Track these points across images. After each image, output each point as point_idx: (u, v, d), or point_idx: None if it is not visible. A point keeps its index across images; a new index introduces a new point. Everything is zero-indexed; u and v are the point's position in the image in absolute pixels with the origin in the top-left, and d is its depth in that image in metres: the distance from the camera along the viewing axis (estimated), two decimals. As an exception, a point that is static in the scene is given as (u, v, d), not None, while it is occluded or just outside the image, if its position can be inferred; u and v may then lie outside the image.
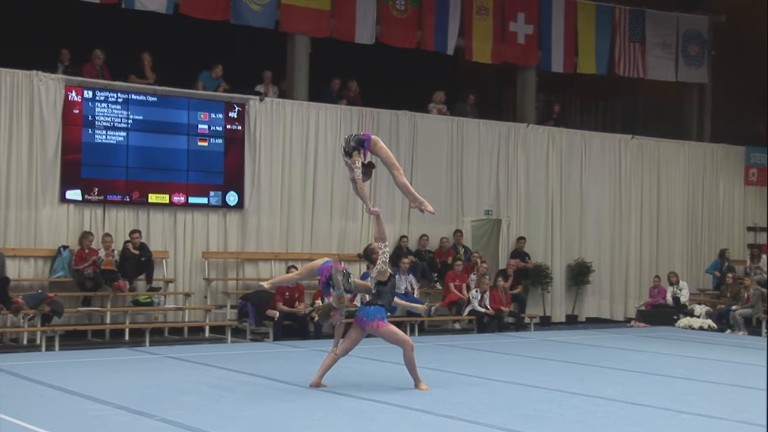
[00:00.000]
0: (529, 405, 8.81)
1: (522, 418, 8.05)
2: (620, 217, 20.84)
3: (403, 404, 8.61)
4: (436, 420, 7.91)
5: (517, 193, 19.46)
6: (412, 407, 8.45)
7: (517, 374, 10.95)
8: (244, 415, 7.92)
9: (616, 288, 20.79)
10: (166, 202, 15.70)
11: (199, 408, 8.29)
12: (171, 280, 15.74)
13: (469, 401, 8.94)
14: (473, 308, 17.16)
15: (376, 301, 9.65)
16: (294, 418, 7.85)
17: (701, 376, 11.17)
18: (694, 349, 14.64)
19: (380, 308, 9.60)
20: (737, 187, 22.66)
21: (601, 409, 8.64)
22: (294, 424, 7.61)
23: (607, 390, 9.80)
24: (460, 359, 12.69)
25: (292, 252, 16.83)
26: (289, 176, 16.87)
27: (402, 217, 18.09)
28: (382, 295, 9.67)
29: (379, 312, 9.57)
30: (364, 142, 9.83)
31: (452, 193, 18.74)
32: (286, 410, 8.26)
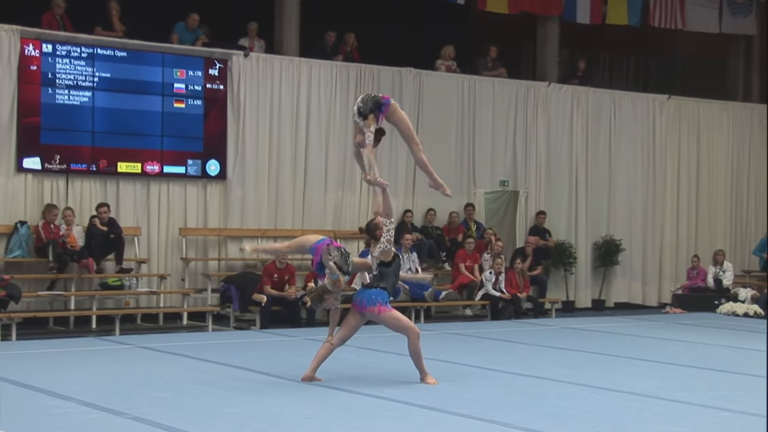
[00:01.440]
0: (550, 401, 8.84)
1: (542, 415, 8.08)
2: (654, 188, 20.82)
3: (407, 400, 8.64)
4: (444, 418, 7.94)
5: (536, 162, 19.44)
6: (417, 403, 8.49)
7: (536, 366, 10.98)
8: (227, 413, 7.96)
9: (649, 269, 20.82)
10: (137, 171, 15.70)
11: (176, 405, 8.32)
12: (144, 261, 15.77)
13: (482, 397, 8.97)
14: (486, 292, 17.20)
15: (377, 284, 9.65)
16: (283, 416, 7.89)
17: (745, 368, 11.19)
18: (738, 338, 14.66)
19: (382, 291, 9.59)
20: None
21: (632, 406, 8.67)
22: (283, 422, 7.64)
23: (639, 385, 9.83)
24: (471, 349, 12.73)
25: (281, 228, 16.86)
26: (277, 142, 16.86)
27: (406, 188, 18.10)
28: (384, 276, 9.67)
29: (380, 295, 9.57)
30: (382, 106, 9.82)
31: (463, 161, 18.74)
32: (274, 407, 8.29)
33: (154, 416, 7.67)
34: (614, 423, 7.86)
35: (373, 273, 9.78)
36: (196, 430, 7.17)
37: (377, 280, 9.70)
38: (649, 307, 20.34)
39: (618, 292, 20.50)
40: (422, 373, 9.71)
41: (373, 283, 9.70)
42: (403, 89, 18.03)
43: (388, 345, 11.76)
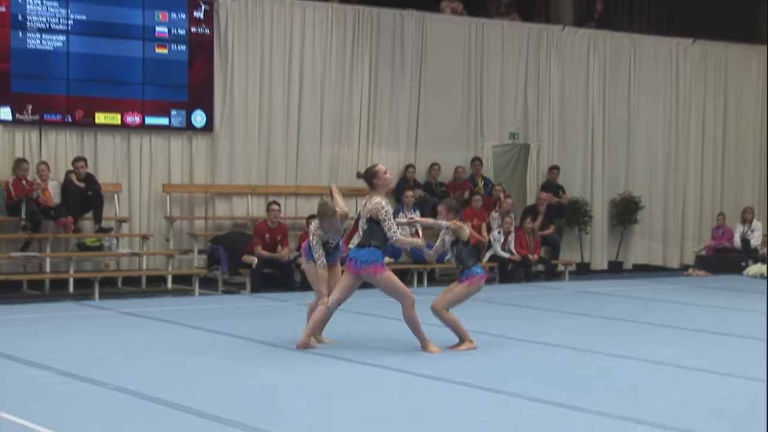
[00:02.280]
0: (563, 370, 8.88)
1: (554, 385, 8.11)
2: (677, 141, 20.80)
3: (409, 369, 8.68)
4: (448, 388, 7.98)
5: (549, 112, 19.40)
6: (419, 373, 8.52)
7: (547, 333, 11.02)
8: (215, 383, 7.99)
9: (671, 228, 20.84)
10: (117, 123, 15.66)
11: (160, 374, 8.37)
12: (125, 219, 15.79)
13: (489, 366, 9.01)
14: (495, 253, 17.23)
15: (369, 242, 9.64)
16: (276, 387, 7.93)
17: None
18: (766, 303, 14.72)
19: (376, 250, 9.58)
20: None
21: (651, 375, 8.71)
22: (276, 393, 7.68)
23: (658, 352, 9.87)
24: (478, 315, 12.76)
25: (273, 185, 16.86)
26: (269, 91, 16.81)
27: (408, 141, 18.09)
28: (375, 233, 9.65)
29: (374, 255, 9.57)
30: None
31: (470, 112, 18.70)
32: (266, 377, 8.33)
33: (137, 386, 7.70)
34: (632, 393, 7.90)
35: (362, 228, 9.75)
36: (182, 401, 7.20)
37: (368, 237, 9.67)
38: (670, 270, 20.38)
39: (637, 253, 20.53)
40: (423, 341, 9.74)
41: (365, 241, 9.68)
42: (405, 34, 17.94)
43: (388, 309, 11.80)
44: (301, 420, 6.76)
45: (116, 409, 7.00)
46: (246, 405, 7.16)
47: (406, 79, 17.95)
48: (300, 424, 6.62)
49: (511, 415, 7.06)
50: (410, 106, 18.09)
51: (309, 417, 6.86)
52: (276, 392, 7.71)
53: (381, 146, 17.70)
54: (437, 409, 7.21)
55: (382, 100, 17.75)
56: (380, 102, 17.74)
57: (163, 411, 6.95)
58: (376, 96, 17.66)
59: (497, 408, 7.34)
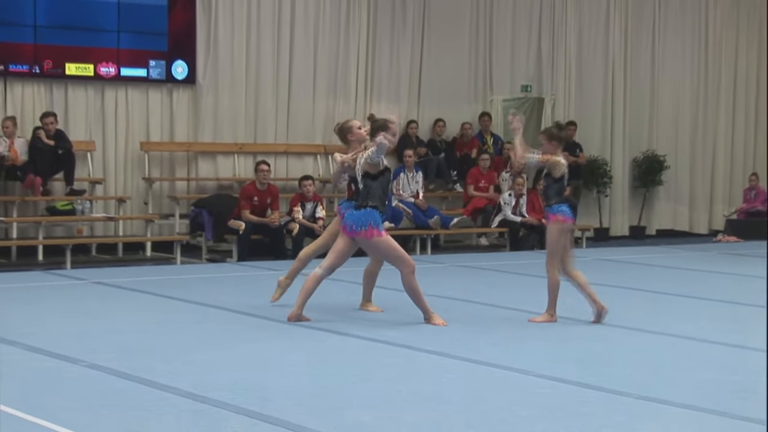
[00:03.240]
0: (578, 345, 8.91)
1: (569, 361, 8.14)
2: (706, 93, 20.77)
3: (410, 344, 8.71)
4: (454, 365, 8.01)
5: (565, 63, 19.35)
6: (421, 348, 8.55)
7: (563, 305, 11.04)
8: (199, 360, 8.02)
9: (699, 190, 20.86)
10: (89, 74, 15.63)
11: (139, 350, 8.39)
12: (99, 181, 15.79)
13: (499, 340, 9.05)
14: (505, 217, 17.25)
15: (365, 202, 9.63)
16: (266, 363, 7.95)
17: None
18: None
19: (373, 212, 9.56)
20: None
21: (676, 351, 8.74)
22: (266, 370, 7.70)
23: (684, 326, 9.90)
24: (487, 285, 12.81)
25: (261, 143, 16.84)
26: (257, 39, 16.76)
27: (410, 95, 18.07)
28: (371, 192, 9.60)
29: (371, 217, 9.54)
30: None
31: (478, 62, 18.66)
32: (254, 352, 8.35)
33: (115, 364, 7.72)
34: (654, 370, 7.92)
35: (359, 186, 9.70)
36: (164, 379, 7.22)
37: (364, 196, 9.62)
38: (697, 235, 20.41)
39: (661, 217, 20.55)
40: (426, 312, 9.76)
41: (362, 201, 9.65)
42: (407, -25, 17.90)
43: (386, 279, 11.81)
44: (292, 399, 6.78)
45: (91, 389, 7.00)
46: (233, 383, 7.17)
47: (408, 26, 17.89)
48: (291, 404, 6.64)
49: (520, 394, 7.07)
50: (412, 56, 18.04)
51: (301, 396, 6.87)
52: (267, 369, 7.73)
53: (380, 100, 17.67)
54: (441, 387, 7.22)
55: (381, 49, 17.69)
56: (379, 51, 17.68)
57: (142, 391, 6.96)
58: (374, 45, 17.61)
59: (505, 386, 7.36)
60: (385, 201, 9.67)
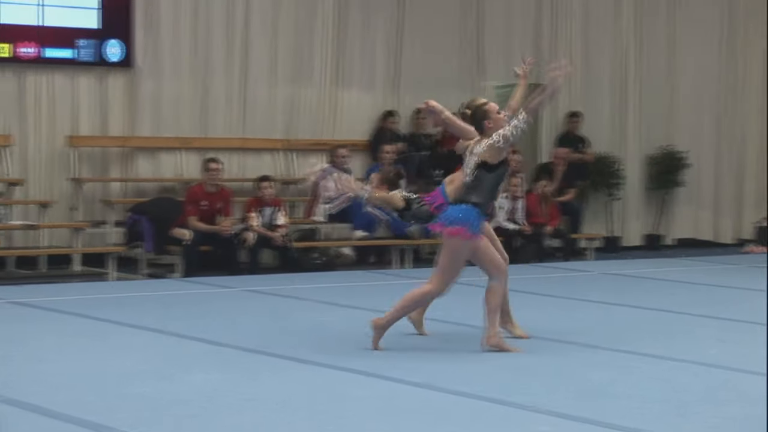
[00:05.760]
0: (583, 374, 8.88)
1: (572, 395, 8.12)
2: (734, 83, 20.85)
3: (388, 374, 8.67)
4: (438, 399, 7.97)
5: (568, 45, 19.37)
6: (401, 379, 8.52)
7: (564, 327, 11.02)
8: (136, 394, 7.95)
9: (724, 193, 20.92)
10: (6, 56, 15.57)
11: (67, 382, 8.31)
12: (18, 182, 15.72)
13: (491, 369, 9.02)
14: (499, 224, 17.22)
15: (468, 197, 9.48)
16: (216, 397, 7.88)
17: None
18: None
19: (472, 210, 9.40)
20: None
21: (697, 382, 8.71)
22: (215, 405, 7.64)
23: (708, 351, 9.87)
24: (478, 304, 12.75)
25: (211, 137, 16.88)
26: (206, 16, 16.75)
27: (387, 81, 18.07)
28: (479, 186, 9.47)
29: (470, 215, 9.40)
30: None
31: (467, 44, 18.67)
32: (203, 384, 8.29)
33: (38, 399, 7.64)
34: (671, 403, 7.88)
35: (467, 179, 9.60)
36: (96, 416, 7.16)
37: (471, 190, 9.51)
38: (723, 246, 20.45)
39: (681, 224, 20.60)
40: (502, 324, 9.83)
41: (465, 195, 9.54)
42: (385, -58, 17.91)
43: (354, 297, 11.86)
44: (248, 440, 6.74)
45: (9, 429, 6.89)
46: (177, 421, 7.11)
47: (384, 1, 17.86)
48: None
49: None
50: (390, 35, 18.02)
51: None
52: (216, 404, 7.66)
53: (351, 87, 17.66)
54: (423, 424, 7.16)
55: (353, 26, 17.64)
56: (351, 29, 17.63)
57: (70, 430, 6.87)
58: (345, 22, 17.57)
59: (499, 423, 7.32)
60: (490, 200, 9.66)
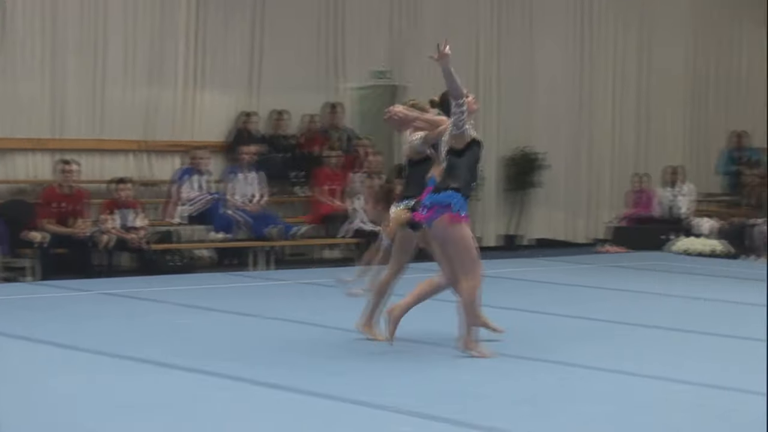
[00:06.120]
0: (446, 375, 8.89)
1: (435, 396, 8.11)
2: (588, 83, 21.08)
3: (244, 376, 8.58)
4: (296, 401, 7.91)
5: (426, 44, 19.36)
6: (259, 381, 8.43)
7: (426, 328, 11.01)
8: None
9: (579, 193, 21.13)
10: None
11: None
12: None
13: (351, 371, 9.00)
14: (358, 226, 17.19)
15: (447, 183, 9.30)
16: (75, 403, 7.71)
17: (707, 326, 11.44)
18: (698, 285, 15.05)
19: (455, 194, 9.24)
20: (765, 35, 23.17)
21: (560, 381, 8.76)
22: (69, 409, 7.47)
23: (567, 352, 9.94)
24: (339, 306, 12.72)
25: (66, 138, 16.61)
26: (61, 15, 16.48)
27: (245, 83, 17.91)
28: (455, 170, 9.34)
29: (453, 199, 9.25)
30: None
31: (325, 45, 18.61)
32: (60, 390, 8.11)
33: None
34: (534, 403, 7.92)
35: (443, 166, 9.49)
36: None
37: (447, 177, 9.37)
38: (578, 245, 20.66)
39: (538, 224, 20.77)
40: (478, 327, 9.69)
41: (441, 183, 9.39)
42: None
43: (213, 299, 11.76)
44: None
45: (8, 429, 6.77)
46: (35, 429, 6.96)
47: (244, 2, 17.72)
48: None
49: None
50: (247, 36, 17.88)
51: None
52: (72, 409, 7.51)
53: (210, 88, 17.52)
54: (282, 426, 7.14)
55: (212, 27, 17.47)
56: (209, 30, 17.46)
57: None
58: (204, 22, 17.38)
59: (361, 424, 7.29)
60: (471, 183, 9.42)
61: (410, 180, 10.15)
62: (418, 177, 9.98)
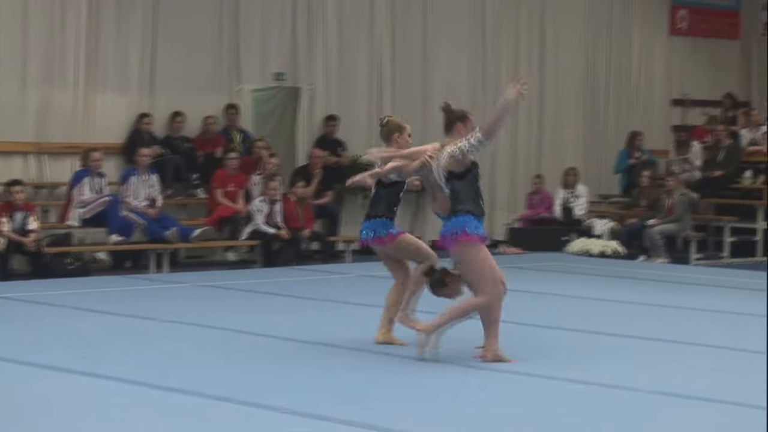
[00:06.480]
0: (343, 377, 8.90)
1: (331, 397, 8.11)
2: (484, 86, 21.15)
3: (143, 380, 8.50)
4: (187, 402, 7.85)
5: (324, 47, 19.37)
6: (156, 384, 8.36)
7: (326, 330, 11.01)
8: None
9: (478, 195, 21.19)
10: None
11: None
12: None
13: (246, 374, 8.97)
14: (256, 228, 17.13)
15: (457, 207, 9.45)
16: None
17: (603, 326, 11.55)
18: (594, 286, 15.19)
19: (469, 217, 9.41)
20: (659, 38, 23.48)
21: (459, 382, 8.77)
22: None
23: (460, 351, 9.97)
24: (238, 308, 12.69)
25: (-45, 141, 16.34)
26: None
27: (141, 83, 17.77)
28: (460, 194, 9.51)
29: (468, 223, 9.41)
30: None
31: (222, 46, 18.49)
32: None
33: None
34: (433, 404, 7.92)
35: (446, 192, 9.56)
36: None
37: (454, 202, 9.48)
38: (476, 247, 20.74)
39: (436, 226, 20.69)
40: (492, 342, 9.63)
41: (451, 209, 9.50)
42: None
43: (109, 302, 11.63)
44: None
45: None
46: None
47: (138, 1, 17.54)
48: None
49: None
50: (143, 37, 17.68)
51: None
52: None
53: (105, 90, 17.29)
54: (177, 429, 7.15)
55: (106, 28, 17.26)
56: (104, 31, 17.24)
57: None
58: (97, 23, 17.17)
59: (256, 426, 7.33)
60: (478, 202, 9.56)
61: (378, 200, 10.37)
62: (386, 197, 10.30)
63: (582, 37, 22.29)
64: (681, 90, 23.69)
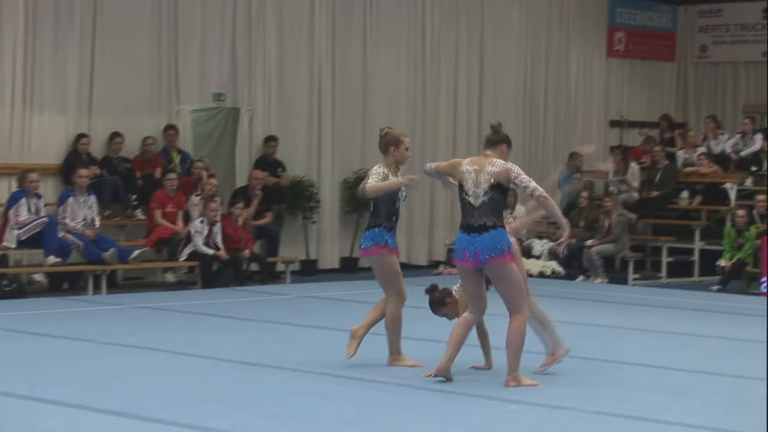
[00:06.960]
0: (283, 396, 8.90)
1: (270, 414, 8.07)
2: (424, 106, 21.21)
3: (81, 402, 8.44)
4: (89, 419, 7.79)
5: (264, 68, 19.36)
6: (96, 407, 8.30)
7: (262, 350, 11.00)
8: None
9: (417, 216, 21.26)
10: None
11: None
12: None
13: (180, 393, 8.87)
14: (196, 249, 17.07)
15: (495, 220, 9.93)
16: None
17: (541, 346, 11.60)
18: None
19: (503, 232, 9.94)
20: (596, 60, 23.68)
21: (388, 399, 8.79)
22: None
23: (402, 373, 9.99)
24: (175, 329, 12.65)
25: None
26: None
27: (79, 104, 17.68)
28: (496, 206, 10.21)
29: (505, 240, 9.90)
30: None
31: (161, 66, 18.42)
32: None
33: None
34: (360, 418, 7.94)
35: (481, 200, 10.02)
36: None
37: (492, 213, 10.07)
38: (416, 267, 20.76)
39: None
40: None
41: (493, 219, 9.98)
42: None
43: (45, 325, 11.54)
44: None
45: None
46: None
47: (76, 21, 17.43)
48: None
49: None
50: (81, 57, 17.58)
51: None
52: None
53: (43, 110, 17.16)
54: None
55: (42, 49, 17.15)
56: (40, 52, 17.12)
57: None
58: (34, 44, 17.05)
59: None
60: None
61: (376, 210, 11.21)
62: (384, 207, 11.17)
63: (520, 58, 22.45)
64: (619, 111, 23.93)
